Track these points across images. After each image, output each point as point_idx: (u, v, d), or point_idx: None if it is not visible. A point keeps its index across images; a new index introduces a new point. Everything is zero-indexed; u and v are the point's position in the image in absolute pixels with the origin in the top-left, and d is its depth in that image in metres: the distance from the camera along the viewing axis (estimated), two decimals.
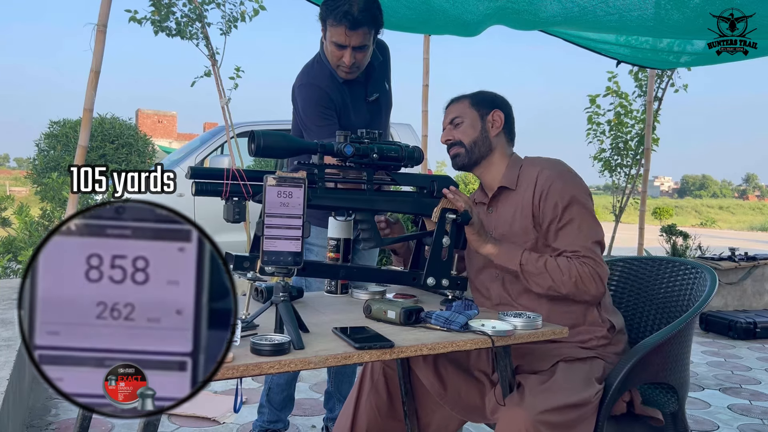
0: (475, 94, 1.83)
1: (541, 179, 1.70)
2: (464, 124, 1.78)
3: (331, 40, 2.03)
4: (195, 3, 4.63)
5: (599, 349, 1.69)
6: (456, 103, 1.83)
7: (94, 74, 3.46)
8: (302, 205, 1.33)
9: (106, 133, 10.31)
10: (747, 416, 3.01)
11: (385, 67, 2.28)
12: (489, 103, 1.80)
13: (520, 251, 1.65)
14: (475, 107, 1.79)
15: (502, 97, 1.85)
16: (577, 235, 1.66)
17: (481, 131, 1.78)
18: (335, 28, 2.00)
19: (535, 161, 1.78)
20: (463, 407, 1.75)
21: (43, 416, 2.59)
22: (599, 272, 1.63)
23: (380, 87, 2.25)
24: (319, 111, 2.11)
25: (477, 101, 1.80)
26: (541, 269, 1.62)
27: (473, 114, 1.79)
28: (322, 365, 1.21)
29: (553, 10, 2.84)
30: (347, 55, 2.04)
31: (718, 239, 12.28)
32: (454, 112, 1.81)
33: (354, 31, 1.99)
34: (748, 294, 5.30)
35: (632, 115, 6.32)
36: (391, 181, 1.65)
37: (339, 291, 1.81)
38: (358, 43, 2.02)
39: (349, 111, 2.18)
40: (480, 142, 1.77)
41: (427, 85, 4.73)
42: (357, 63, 2.07)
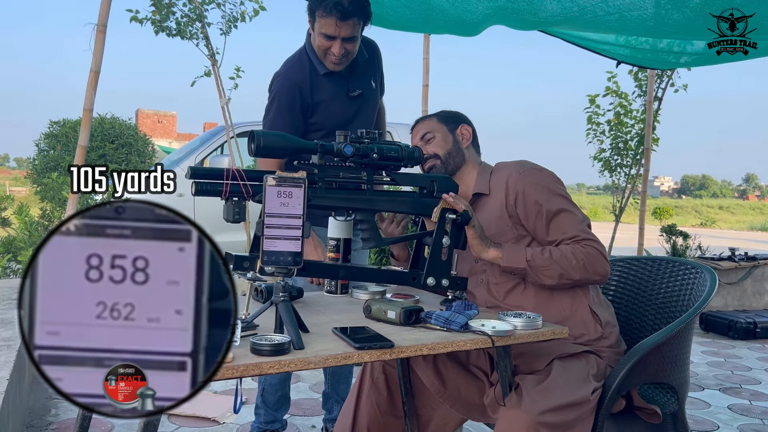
0: (439, 113, 1.91)
1: (512, 181, 1.74)
2: (436, 138, 1.84)
3: (320, 31, 2.05)
4: (195, 3, 4.63)
5: (593, 343, 1.70)
6: (422, 122, 1.91)
7: (94, 74, 3.46)
8: (302, 205, 1.33)
9: (106, 133, 10.31)
10: (747, 416, 3.01)
11: (371, 65, 2.28)
12: (455, 119, 1.88)
13: (523, 249, 1.67)
14: (443, 122, 1.87)
15: (465, 116, 1.94)
16: (569, 221, 1.70)
17: (453, 143, 1.85)
18: (325, 19, 2.01)
19: (503, 166, 1.84)
20: (463, 405, 1.76)
21: (43, 416, 2.59)
22: (601, 251, 1.68)
23: (365, 84, 2.24)
24: (283, 106, 2.13)
25: (444, 118, 1.88)
26: (548, 261, 1.65)
27: (443, 128, 1.86)
28: (322, 365, 1.21)
29: (553, 10, 2.84)
30: (337, 46, 2.05)
31: (718, 239, 12.28)
32: (423, 129, 1.87)
33: (344, 21, 2.01)
34: (748, 294, 5.30)
35: (632, 115, 6.32)
36: (391, 181, 1.65)
37: (339, 291, 1.81)
38: (348, 34, 2.04)
39: (329, 105, 2.18)
40: (454, 153, 1.84)
41: (427, 85, 4.73)
42: (346, 54, 2.09)
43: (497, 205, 1.77)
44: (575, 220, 1.71)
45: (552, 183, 1.75)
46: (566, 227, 1.70)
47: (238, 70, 4.80)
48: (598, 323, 1.72)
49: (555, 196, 1.72)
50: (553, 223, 1.71)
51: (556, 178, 1.78)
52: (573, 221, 1.71)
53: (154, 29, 4.71)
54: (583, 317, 1.72)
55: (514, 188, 1.73)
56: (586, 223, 1.73)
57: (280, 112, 2.15)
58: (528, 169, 1.77)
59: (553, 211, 1.70)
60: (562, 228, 1.70)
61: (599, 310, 1.74)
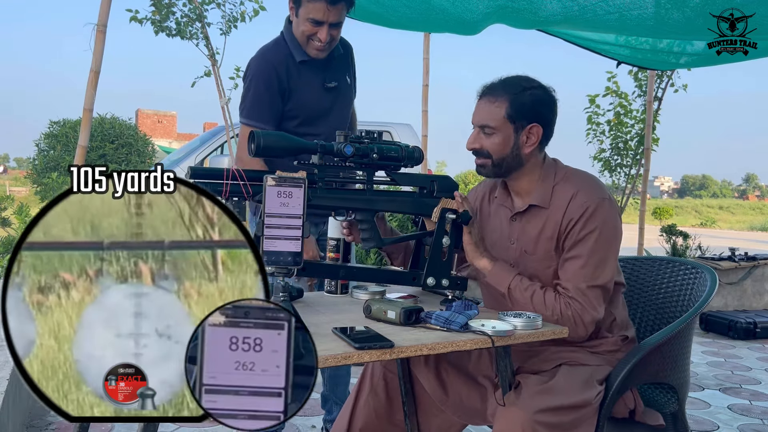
0: (515, 95, 1.61)
1: (575, 204, 1.59)
2: (495, 137, 1.63)
3: (307, 17, 2.07)
4: (195, 3, 4.63)
5: (608, 355, 1.67)
6: (491, 104, 1.63)
7: (94, 74, 3.46)
8: (302, 205, 1.33)
9: (106, 133, 10.31)
10: (747, 416, 3.01)
11: (345, 61, 2.30)
12: (528, 114, 1.61)
13: (512, 275, 1.60)
14: (511, 119, 1.61)
15: (548, 98, 1.65)
16: (576, 272, 1.57)
17: (512, 148, 1.63)
18: (314, 4, 2.05)
19: (572, 178, 1.65)
20: (465, 411, 1.74)
21: (43, 416, 2.59)
22: (583, 317, 1.55)
23: (340, 77, 2.26)
24: (261, 89, 2.15)
25: (515, 110, 1.61)
26: (527, 300, 1.57)
27: (507, 128, 1.62)
28: (321, 365, 1.21)
29: (552, 9, 2.84)
30: (323, 31, 2.08)
31: (718, 239, 12.29)
32: (486, 117, 1.63)
33: (334, 6, 2.05)
34: (748, 294, 5.30)
35: (632, 115, 6.32)
36: (391, 181, 1.65)
37: (339, 291, 1.81)
38: (336, 19, 2.08)
39: (303, 92, 2.18)
40: (510, 158, 1.64)
41: (427, 85, 4.73)
42: (331, 40, 2.12)
43: (552, 224, 1.62)
44: (583, 275, 1.56)
45: (605, 226, 1.58)
46: (570, 275, 1.58)
47: (238, 69, 4.80)
48: (621, 339, 1.69)
49: (591, 240, 1.57)
50: (567, 264, 1.59)
51: (614, 223, 1.60)
52: (580, 274, 1.57)
53: (154, 29, 4.71)
54: (606, 336, 1.68)
55: (573, 212, 1.58)
56: (591, 285, 1.56)
57: (257, 95, 2.15)
58: (597, 200, 1.58)
59: (576, 254, 1.58)
60: (568, 274, 1.59)
61: (625, 332, 1.70)
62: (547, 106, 1.65)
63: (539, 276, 1.64)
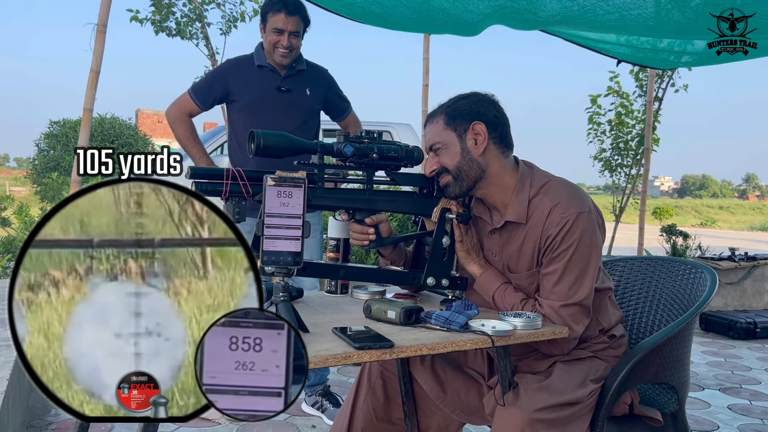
0: (449, 106, 1.60)
1: (552, 220, 1.53)
2: (444, 150, 1.59)
3: (272, 28, 2.57)
4: (195, 3, 4.63)
5: (599, 352, 1.67)
6: (431, 124, 1.62)
7: (94, 74, 3.46)
8: (302, 205, 1.33)
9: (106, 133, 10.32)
10: (747, 416, 3.01)
11: (310, 79, 2.71)
12: (465, 116, 1.58)
13: (498, 283, 1.60)
14: (451, 126, 1.58)
15: (483, 98, 1.61)
16: (551, 291, 1.54)
17: (463, 153, 1.57)
18: (275, 16, 2.56)
19: (550, 190, 1.57)
20: (463, 409, 1.75)
21: (43, 416, 2.59)
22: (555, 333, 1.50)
23: (298, 87, 2.66)
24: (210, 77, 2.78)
25: (452, 117, 1.58)
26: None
27: (450, 136, 1.58)
28: (322, 365, 1.21)
29: (553, 9, 2.84)
30: (284, 38, 2.57)
31: (718, 239, 12.29)
32: (432, 136, 1.61)
33: (291, 16, 2.56)
34: (748, 294, 5.30)
35: (633, 115, 6.33)
36: (391, 181, 1.65)
37: (339, 291, 1.81)
38: (293, 29, 2.57)
39: (250, 82, 2.64)
40: (465, 166, 1.57)
41: (427, 85, 4.74)
42: (291, 47, 2.59)
43: (531, 242, 1.57)
44: (557, 292, 1.52)
45: (584, 241, 1.51)
46: (544, 292, 1.55)
47: None
48: (609, 337, 1.68)
49: (566, 257, 1.51)
50: (545, 279, 1.55)
51: (592, 237, 1.53)
52: (554, 291, 1.53)
53: (154, 29, 4.71)
54: (593, 334, 1.67)
55: (551, 228, 1.52)
56: (564, 304, 1.51)
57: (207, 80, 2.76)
58: (576, 213, 1.51)
59: (551, 270, 1.53)
60: (544, 290, 1.55)
61: (613, 331, 1.70)
62: (485, 105, 1.59)
63: (526, 290, 1.62)
